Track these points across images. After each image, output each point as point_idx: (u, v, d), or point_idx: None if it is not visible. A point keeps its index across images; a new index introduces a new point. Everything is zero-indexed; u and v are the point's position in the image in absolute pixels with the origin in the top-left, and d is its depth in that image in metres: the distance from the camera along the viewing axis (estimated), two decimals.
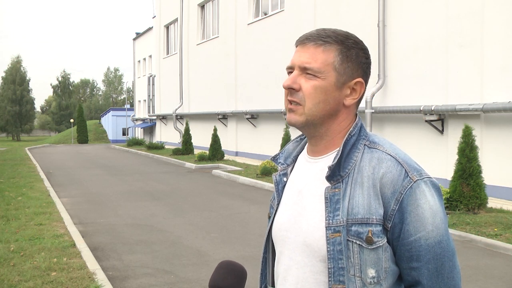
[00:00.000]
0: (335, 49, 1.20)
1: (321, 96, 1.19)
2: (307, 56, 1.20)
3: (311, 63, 1.19)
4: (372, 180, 1.15)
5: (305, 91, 1.19)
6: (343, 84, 1.21)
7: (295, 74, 1.22)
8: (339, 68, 1.20)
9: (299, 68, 1.21)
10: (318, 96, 1.19)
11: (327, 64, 1.19)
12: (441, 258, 1.14)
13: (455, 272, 1.17)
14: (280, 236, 1.28)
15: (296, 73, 1.21)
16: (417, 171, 1.16)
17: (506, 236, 6.40)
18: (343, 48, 1.21)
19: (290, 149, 1.38)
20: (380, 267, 1.14)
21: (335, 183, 1.18)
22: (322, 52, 1.20)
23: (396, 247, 1.15)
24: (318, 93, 1.19)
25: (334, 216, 1.16)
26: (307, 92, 1.19)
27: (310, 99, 1.19)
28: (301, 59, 1.21)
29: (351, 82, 1.22)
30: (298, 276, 1.22)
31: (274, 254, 1.35)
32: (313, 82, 1.19)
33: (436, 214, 1.14)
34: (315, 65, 1.19)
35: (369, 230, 1.13)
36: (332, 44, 1.20)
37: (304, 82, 1.20)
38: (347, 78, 1.21)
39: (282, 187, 1.34)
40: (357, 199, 1.15)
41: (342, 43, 1.21)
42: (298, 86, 1.20)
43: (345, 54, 1.20)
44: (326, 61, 1.19)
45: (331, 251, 1.15)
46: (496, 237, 6.39)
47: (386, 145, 1.21)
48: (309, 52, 1.21)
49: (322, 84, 1.19)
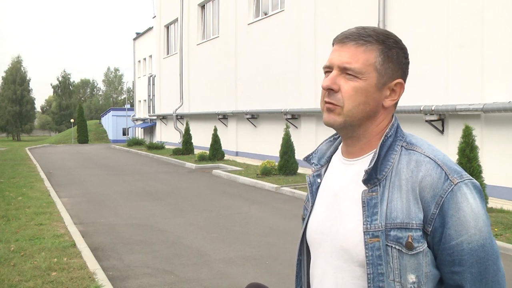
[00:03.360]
0: (376, 49, 1.16)
1: (361, 98, 1.15)
2: (347, 55, 1.16)
3: (352, 63, 1.15)
4: (411, 183, 1.12)
5: (344, 93, 1.15)
6: (383, 85, 1.17)
7: (334, 74, 1.17)
8: (380, 68, 1.16)
9: (338, 68, 1.16)
10: (358, 98, 1.15)
11: (368, 65, 1.15)
12: (485, 262, 1.11)
13: (500, 276, 1.14)
14: (315, 239, 1.26)
15: (336, 73, 1.17)
16: (457, 173, 1.12)
17: (507, 236, 6.41)
18: (384, 48, 1.17)
19: (323, 150, 1.35)
20: (421, 272, 1.11)
21: (372, 187, 1.15)
22: (363, 52, 1.15)
23: (437, 251, 1.12)
24: (358, 95, 1.15)
25: (372, 221, 1.13)
26: (347, 94, 1.15)
27: (350, 101, 1.15)
28: (341, 59, 1.16)
29: (392, 83, 1.19)
30: (336, 281, 1.19)
31: (309, 256, 1.33)
32: (354, 83, 1.15)
33: (478, 217, 1.10)
34: (356, 65, 1.15)
35: (409, 235, 1.10)
36: (373, 43, 1.16)
37: (343, 83, 1.16)
38: (388, 79, 1.18)
39: (316, 188, 1.31)
40: (396, 203, 1.12)
41: (383, 42, 1.17)
42: (338, 87, 1.16)
43: (386, 54, 1.17)
44: (367, 61, 1.15)
45: (370, 256, 1.12)
46: (497, 237, 6.39)
47: (424, 146, 1.17)
48: (349, 52, 1.16)
49: (363, 85, 1.15)
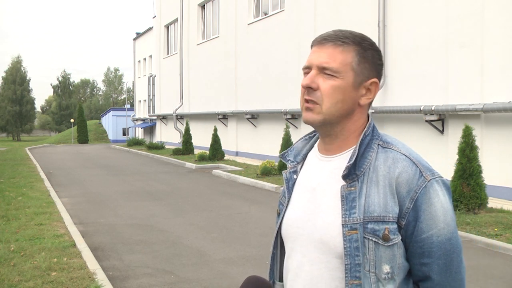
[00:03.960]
0: (353, 49, 1.22)
1: (339, 96, 1.21)
2: (325, 56, 1.22)
3: (330, 62, 1.21)
4: (388, 179, 1.18)
5: (323, 91, 1.21)
6: (359, 84, 1.23)
7: (313, 73, 1.23)
8: (356, 68, 1.22)
9: (317, 67, 1.22)
10: (336, 96, 1.21)
11: (345, 64, 1.21)
12: (451, 254, 1.18)
13: (462, 267, 1.22)
14: (291, 233, 1.30)
15: (314, 72, 1.23)
16: (430, 170, 1.19)
17: (506, 236, 6.40)
18: (360, 49, 1.23)
19: (299, 147, 1.40)
20: (395, 263, 1.18)
21: (351, 182, 1.21)
22: (340, 52, 1.21)
23: (409, 244, 1.19)
24: (336, 93, 1.21)
25: (351, 214, 1.18)
26: (325, 92, 1.21)
27: (328, 99, 1.21)
28: (319, 59, 1.22)
29: (367, 82, 1.24)
30: (312, 273, 1.24)
31: (283, 250, 1.37)
32: (332, 81, 1.21)
33: (447, 212, 1.18)
34: (334, 64, 1.20)
35: (386, 228, 1.16)
36: (350, 44, 1.22)
37: (322, 81, 1.21)
38: (364, 78, 1.23)
39: (292, 184, 1.35)
40: (373, 197, 1.18)
41: (360, 44, 1.23)
42: (316, 85, 1.21)
43: (362, 55, 1.23)
44: (344, 61, 1.21)
45: (348, 248, 1.17)
46: (496, 237, 6.39)
47: (399, 145, 1.24)
48: (327, 52, 1.22)
49: (340, 84, 1.21)
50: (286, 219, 1.33)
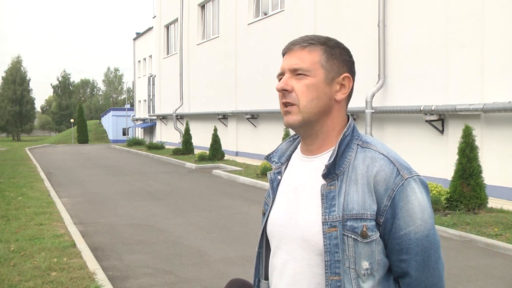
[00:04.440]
0: (319, 48, 1.28)
1: (314, 93, 1.26)
2: (295, 59, 1.28)
3: (300, 63, 1.27)
4: (366, 178, 1.22)
5: (297, 90, 1.26)
6: (332, 80, 1.28)
7: (286, 77, 1.28)
8: (326, 65, 1.27)
9: (289, 71, 1.28)
10: (311, 93, 1.26)
11: (314, 63, 1.26)
12: (428, 251, 1.21)
13: (440, 263, 1.24)
14: (276, 232, 1.33)
15: (287, 76, 1.28)
16: (407, 169, 1.22)
17: (506, 236, 6.40)
18: (326, 47, 1.29)
19: (283, 149, 1.45)
20: (373, 259, 1.20)
21: (331, 181, 1.24)
22: (308, 53, 1.27)
23: (388, 240, 1.22)
24: (310, 90, 1.26)
25: (330, 212, 1.22)
26: (300, 91, 1.26)
27: (304, 97, 1.26)
28: (290, 63, 1.28)
29: (339, 78, 1.29)
30: (295, 269, 1.27)
31: (268, 249, 1.41)
32: (304, 80, 1.26)
33: (424, 210, 1.20)
34: (303, 65, 1.26)
35: (364, 225, 1.19)
36: (316, 45, 1.28)
37: (295, 82, 1.27)
38: (335, 74, 1.28)
39: (276, 185, 1.40)
40: (352, 195, 1.21)
41: (325, 43, 1.29)
42: (291, 87, 1.27)
43: (329, 52, 1.28)
44: (313, 60, 1.27)
45: (328, 245, 1.20)
46: (497, 237, 6.39)
47: (378, 145, 1.27)
48: (296, 55, 1.28)
49: (312, 81, 1.26)
50: (270, 218, 1.36)
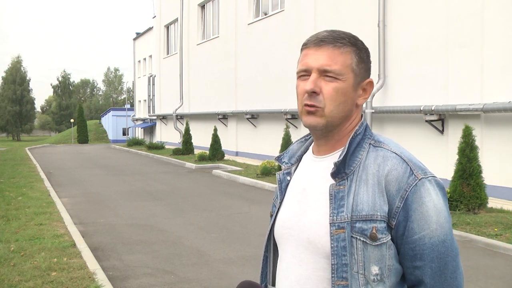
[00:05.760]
0: (351, 50, 1.21)
1: (342, 98, 1.20)
2: (325, 58, 1.19)
3: (332, 65, 1.18)
4: (377, 177, 1.16)
5: (326, 94, 1.19)
6: (358, 84, 1.22)
7: (314, 77, 1.19)
8: (356, 69, 1.21)
9: (318, 71, 1.19)
10: (339, 99, 1.19)
11: (346, 66, 1.19)
12: (445, 258, 1.13)
13: (458, 273, 1.16)
14: (283, 234, 1.28)
15: (315, 76, 1.19)
16: (421, 169, 1.16)
17: (506, 236, 6.40)
18: (356, 49, 1.22)
19: (294, 149, 1.39)
20: (384, 264, 1.14)
21: (340, 180, 1.19)
22: (340, 54, 1.19)
23: (400, 245, 1.15)
24: (339, 96, 1.19)
25: (339, 213, 1.16)
26: (328, 95, 1.19)
27: (331, 102, 1.19)
28: (319, 61, 1.19)
29: (364, 82, 1.24)
30: (300, 273, 1.21)
31: (276, 253, 1.34)
32: (334, 84, 1.19)
33: (440, 213, 1.13)
34: (336, 67, 1.18)
35: (373, 226, 1.13)
36: (348, 46, 1.20)
37: (324, 84, 1.19)
38: (361, 79, 1.23)
39: (285, 186, 1.34)
40: (362, 196, 1.15)
41: (355, 44, 1.22)
42: (319, 89, 1.19)
43: (359, 55, 1.22)
44: (345, 62, 1.19)
45: (335, 247, 1.14)
46: (497, 237, 6.39)
47: (391, 144, 1.21)
48: (326, 54, 1.19)
49: (342, 86, 1.19)
50: (278, 220, 1.31)
